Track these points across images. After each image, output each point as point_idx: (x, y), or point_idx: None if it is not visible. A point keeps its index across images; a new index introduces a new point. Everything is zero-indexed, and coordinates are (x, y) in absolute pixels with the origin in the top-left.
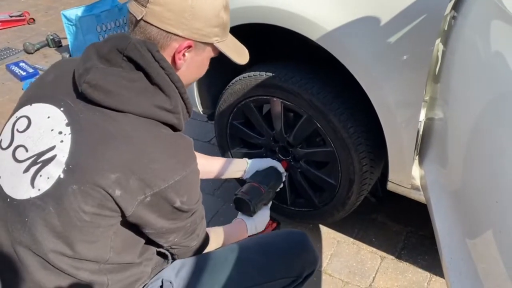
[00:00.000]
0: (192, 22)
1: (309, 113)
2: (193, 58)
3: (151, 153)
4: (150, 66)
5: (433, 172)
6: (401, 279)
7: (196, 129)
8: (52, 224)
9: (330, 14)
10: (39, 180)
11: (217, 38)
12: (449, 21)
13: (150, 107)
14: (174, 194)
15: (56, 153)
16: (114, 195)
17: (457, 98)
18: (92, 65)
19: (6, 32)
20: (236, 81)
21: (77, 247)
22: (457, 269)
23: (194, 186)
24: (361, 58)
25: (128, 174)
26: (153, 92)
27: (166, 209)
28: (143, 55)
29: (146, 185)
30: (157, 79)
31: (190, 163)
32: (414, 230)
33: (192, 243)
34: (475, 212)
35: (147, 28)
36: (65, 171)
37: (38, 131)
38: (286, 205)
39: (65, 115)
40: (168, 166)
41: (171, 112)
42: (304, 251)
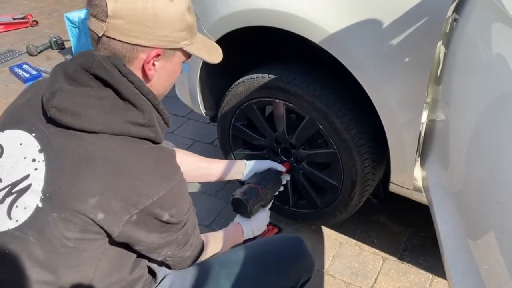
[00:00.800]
0: (156, 30)
1: (311, 114)
2: (164, 66)
3: (130, 171)
4: (118, 82)
5: (435, 173)
6: (403, 280)
7: (199, 131)
8: (34, 254)
9: (332, 17)
10: (15, 211)
11: (186, 42)
12: (450, 23)
13: (123, 124)
14: (160, 209)
15: (31, 181)
16: (96, 219)
17: (459, 100)
18: (58, 88)
19: (9, 34)
20: (238, 83)
21: (62, 274)
22: (459, 270)
23: (181, 197)
24: (363, 60)
25: (108, 196)
26: (125, 108)
27: (155, 225)
28: (109, 71)
29: (130, 204)
30: (127, 94)
31: (174, 176)
32: (416, 232)
33: (186, 253)
34: (477, 213)
35: (110, 44)
36: (42, 199)
37: (11, 160)
38: (289, 206)
39: (37, 141)
40: (150, 181)
41: (145, 126)
42: (300, 258)
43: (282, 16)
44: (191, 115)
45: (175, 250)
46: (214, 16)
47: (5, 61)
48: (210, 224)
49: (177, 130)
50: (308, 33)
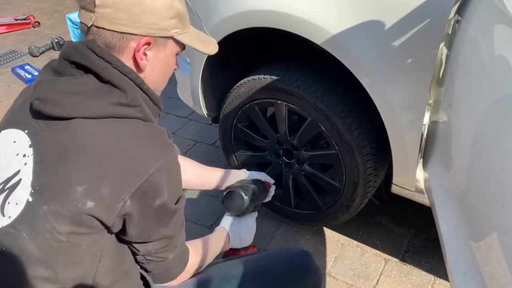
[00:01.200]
0: (144, 17)
1: (313, 116)
2: (156, 56)
3: (116, 153)
4: (94, 64)
5: (437, 175)
6: (405, 282)
7: (200, 132)
8: (29, 250)
9: (333, 18)
10: (8, 207)
11: (177, 30)
12: (453, 25)
13: (105, 106)
14: (152, 189)
15: (21, 176)
16: (85, 208)
17: (461, 101)
18: (40, 80)
19: (11, 35)
20: (240, 84)
21: (59, 270)
22: (462, 271)
23: (175, 179)
24: (366, 62)
25: (96, 183)
26: (106, 90)
27: (149, 210)
28: (85, 54)
29: (120, 189)
30: (106, 75)
31: (165, 153)
32: (418, 233)
33: (170, 255)
34: (480, 215)
35: (100, 34)
36: (32, 193)
37: (5, 158)
38: (290, 207)
39: (28, 137)
40: (137, 160)
41: (129, 106)
42: (306, 274)
43: (284, 17)
44: (193, 116)
45: (160, 247)
46: (216, 18)
47: (7, 62)
48: (212, 225)
49: (179, 131)
50: (310, 34)
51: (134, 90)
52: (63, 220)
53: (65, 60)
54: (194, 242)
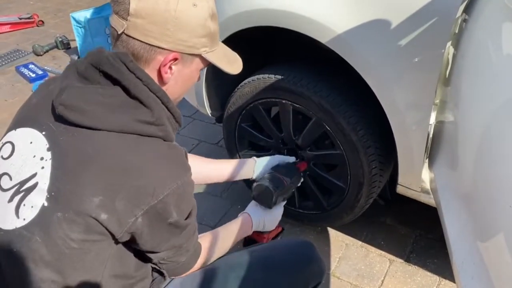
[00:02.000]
0: (176, 33)
1: (318, 115)
2: (181, 71)
3: (133, 170)
4: (125, 79)
5: (443, 175)
6: (410, 283)
7: (204, 131)
8: (40, 253)
9: (340, 17)
10: (23, 209)
11: (206, 49)
12: (460, 24)
13: (131, 122)
14: (166, 209)
15: (38, 180)
16: (99, 219)
17: (468, 101)
18: (67, 85)
19: (15, 34)
20: (245, 84)
21: (68, 275)
22: (469, 272)
23: (188, 199)
24: (371, 61)
25: (112, 196)
26: (133, 106)
27: (160, 227)
28: (117, 67)
29: (134, 205)
30: (135, 91)
31: (182, 175)
32: (423, 234)
33: (182, 258)
34: (487, 216)
35: (129, 42)
36: (48, 198)
37: (21, 158)
38: (295, 207)
39: (46, 139)
40: (155, 180)
41: (154, 124)
42: (309, 263)
43: (289, 16)
44: (197, 116)
45: (172, 254)
46: (221, 16)
47: (11, 61)
48: (216, 225)
49: (183, 131)
50: (316, 34)
51: (160, 108)
52: (77, 228)
53: (94, 67)
54: (211, 235)
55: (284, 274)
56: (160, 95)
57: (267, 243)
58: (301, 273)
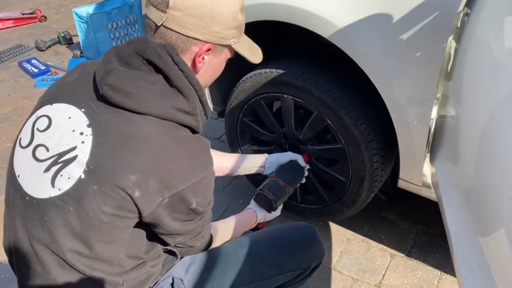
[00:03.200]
0: (211, 25)
1: (320, 110)
2: (212, 60)
3: (170, 154)
4: (169, 69)
5: (444, 169)
6: (411, 277)
7: (206, 126)
8: (71, 223)
9: (342, 11)
10: (59, 179)
11: (234, 40)
12: (462, 18)
13: (170, 109)
14: (191, 195)
15: (78, 153)
16: (133, 196)
17: (470, 95)
18: (113, 68)
19: (18, 29)
20: (246, 79)
21: (94, 247)
22: (469, 266)
23: (210, 188)
24: (373, 55)
25: (148, 176)
26: (173, 95)
27: (182, 211)
28: (163, 58)
29: (165, 187)
30: (176, 81)
31: (208, 165)
32: (424, 228)
33: (197, 243)
34: (488, 210)
35: (167, 34)
36: (85, 171)
37: (59, 131)
38: (296, 202)
39: (86, 116)
40: (187, 167)
41: (189, 114)
42: (312, 243)
43: (291, 11)
44: None
45: (188, 239)
46: None
47: (14, 56)
48: (217, 219)
49: None
50: (318, 28)
51: (195, 100)
52: (110, 202)
53: (138, 54)
54: (222, 224)
55: (289, 252)
56: (197, 88)
57: (271, 226)
58: (304, 252)
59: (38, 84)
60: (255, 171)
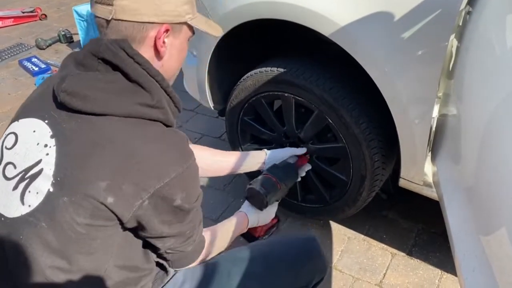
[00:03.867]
0: (163, 5)
1: (321, 108)
2: (173, 42)
3: (139, 153)
4: (125, 64)
5: (446, 168)
6: (412, 276)
7: (207, 125)
8: (46, 239)
9: (343, 9)
10: (28, 196)
11: (190, 16)
12: (464, 16)
13: (132, 105)
14: (172, 192)
15: (43, 166)
16: (106, 202)
17: (471, 94)
18: (67, 73)
19: (18, 28)
20: (247, 77)
21: (74, 260)
22: (471, 266)
23: (192, 183)
24: (374, 53)
25: (119, 180)
26: (133, 90)
27: (167, 210)
28: (116, 53)
29: (141, 189)
30: (135, 75)
31: (186, 159)
32: (425, 227)
33: (188, 248)
34: (489, 209)
35: (120, 26)
36: (53, 184)
37: (25, 147)
38: (297, 201)
39: (49, 127)
40: (161, 163)
41: (154, 107)
42: (312, 259)
43: (292, 9)
44: (199, 109)
45: (179, 243)
46: (223, 8)
47: (14, 55)
48: (218, 218)
49: (185, 124)
50: (318, 26)
51: (159, 92)
52: (83, 212)
53: (93, 55)
54: (212, 230)
55: (287, 268)
56: (159, 79)
57: (270, 238)
58: (304, 268)
59: (38, 83)
60: (257, 168)
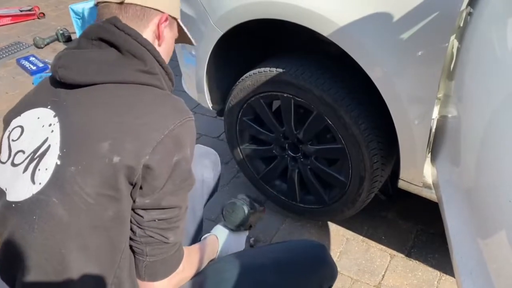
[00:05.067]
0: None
1: (320, 109)
2: (167, 34)
3: (137, 110)
4: (116, 36)
5: (445, 170)
6: (410, 278)
7: (206, 125)
8: (59, 215)
9: (342, 10)
10: (38, 174)
11: (179, 16)
12: (464, 17)
13: (128, 72)
14: (173, 143)
15: (50, 143)
16: (112, 163)
17: (472, 95)
18: (62, 54)
19: (16, 26)
20: (246, 77)
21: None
22: (468, 268)
23: (192, 137)
24: (374, 54)
25: (121, 138)
26: (127, 59)
27: (167, 164)
28: (107, 28)
29: (144, 144)
30: (126, 45)
31: (184, 113)
32: (424, 229)
33: (170, 236)
34: (488, 211)
35: (129, 9)
36: (60, 156)
37: (31, 133)
38: (296, 202)
39: (52, 110)
40: (159, 116)
41: (148, 73)
42: (321, 266)
43: (291, 9)
44: (198, 109)
45: (165, 218)
46: (221, 9)
47: (12, 53)
48: (217, 218)
49: None
50: (318, 27)
51: (152, 60)
52: (91, 179)
53: (86, 38)
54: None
55: (297, 276)
56: (149, 48)
57: (277, 245)
58: (313, 276)
59: (36, 82)
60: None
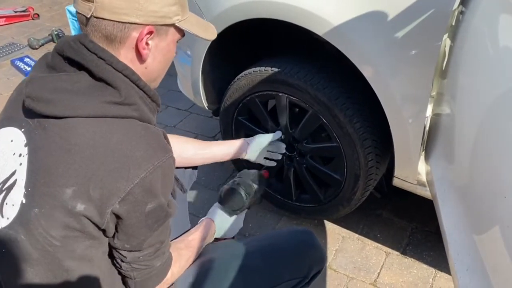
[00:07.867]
0: (147, 5)
1: (315, 108)
2: (158, 45)
3: (105, 154)
4: (87, 60)
5: (439, 167)
6: (406, 275)
7: (201, 125)
8: (27, 252)
9: (336, 9)
10: (6, 208)
11: (178, 17)
12: (457, 16)
13: (98, 104)
14: (144, 194)
15: (17, 177)
16: (76, 210)
17: (465, 93)
18: (31, 77)
19: (10, 27)
20: (241, 77)
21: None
22: (464, 264)
23: (167, 183)
24: (368, 53)
25: (85, 184)
26: (100, 88)
27: (140, 214)
28: (77, 50)
29: (110, 193)
30: (99, 71)
31: (159, 156)
32: (419, 226)
33: (157, 263)
34: (482, 208)
35: (100, 25)
36: (25, 195)
37: (3, 157)
38: (291, 200)
39: (24, 135)
40: (129, 162)
41: (124, 104)
42: (309, 250)
43: (285, 8)
44: (193, 109)
45: (149, 254)
46: (217, 8)
47: (6, 55)
48: None
49: (179, 124)
50: (312, 26)
51: (129, 87)
52: (55, 223)
53: (59, 55)
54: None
55: (285, 260)
56: (127, 73)
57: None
58: (303, 259)
59: None
60: (241, 156)
